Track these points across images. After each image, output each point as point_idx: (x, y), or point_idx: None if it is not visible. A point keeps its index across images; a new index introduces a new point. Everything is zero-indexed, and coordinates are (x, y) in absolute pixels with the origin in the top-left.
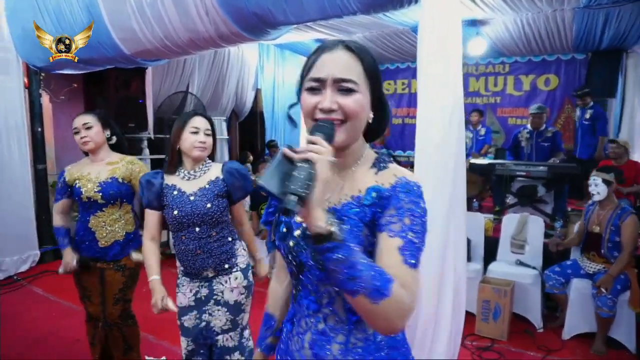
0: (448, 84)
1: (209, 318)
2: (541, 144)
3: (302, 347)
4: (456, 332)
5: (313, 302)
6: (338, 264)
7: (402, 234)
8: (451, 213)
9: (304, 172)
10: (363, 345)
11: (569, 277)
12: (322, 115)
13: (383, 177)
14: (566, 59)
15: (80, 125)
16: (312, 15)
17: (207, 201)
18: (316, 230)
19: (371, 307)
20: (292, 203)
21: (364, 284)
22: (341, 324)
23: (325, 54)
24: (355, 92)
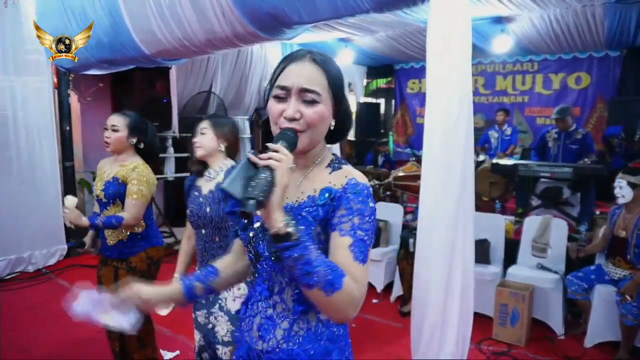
0: (454, 84)
1: (214, 322)
2: (569, 145)
3: (251, 329)
4: (464, 335)
5: (265, 289)
6: (295, 261)
7: (351, 232)
8: (459, 213)
9: (264, 178)
10: (304, 334)
11: (593, 283)
12: (286, 123)
13: (336, 178)
14: (599, 56)
15: (109, 125)
16: (325, 14)
17: (208, 205)
18: (275, 231)
19: (325, 299)
20: (250, 207)
21: (318, 279)
22: (287, 312)
23: (293, 64)
24: (317, 103)
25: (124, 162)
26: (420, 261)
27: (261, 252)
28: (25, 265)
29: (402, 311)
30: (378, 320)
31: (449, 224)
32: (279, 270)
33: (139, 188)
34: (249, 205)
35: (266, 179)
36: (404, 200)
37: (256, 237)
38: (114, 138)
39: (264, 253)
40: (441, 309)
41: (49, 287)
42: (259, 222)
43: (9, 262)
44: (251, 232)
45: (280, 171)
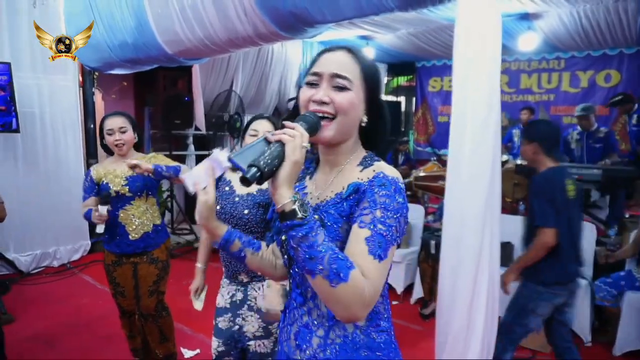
0: (482, 82)
1: (242, 322)
2: (592, 145)
3: (288, 338)
4: (490, 339)
5: (299, 295)
6: (299, 242)
7: (370, 225)
8: (486, 216)
9: (273, 151)
10: (340, 342)
11: (622, 289)
12: (315, 107)
13: (365, 173)
14: (630, 52)
15: (116, 127)
16: (348, 13)
17: (246, 207)
18: (281, 207)
19: (329, 290)
20: (251, 173)
21: (322, 265)
22: (322, 319)
23: (327, 53)
24: (348, 89)
25: (132, 157)
26: (445, 264)
27: (293, 255)
28: (51, 260)
29: (423, 313)
30: (398, 323)
31: (476, 226)
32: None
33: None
34: (250, 172)
35: (275, 151)
36: (425, 201)
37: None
38: (126, 138)
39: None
40: (467, 314)
41: (73, 281)
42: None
43: (34, 257)
44: (284, 235)
45: (291, 145)
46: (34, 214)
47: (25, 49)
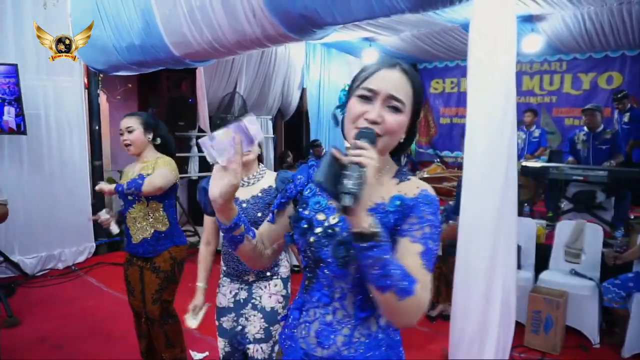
0: (500, 83)
1: (244, 322)
2: (599, 146)
3: (307, 335)
4: (504, 343)
5: (326, 295)
6: (375, 261)
7: (422, 240)
8: (501, 219)
9: (356, 174)
10: (365, 340)
11: (631, 291)
12: (365, 124)
13: (406, 187)
14: (632, 54)
15: (124, 128)
16: (359, 15)
17: (258, 210)
18: (360, 230)
19: (397, 304)
20: (348, 200)
21: (394, 282)
22: (348, 319)
23: (384, 69)
24: (400, 112)
25: (145, 159)
26: (460, 267)
27: (323, 257)
28: (55, 263)
29: (430, 315)
30: None
31: (491, 229)
32: (342, 276)
33: (163, 169)
34: (347, 199)
35: (359, 174)
36: None
37: (318, 242)
38: (132, 138)
39: (327, 259)
40: (482, 315)
41: (78, 284)
42: (320, 227)
43: (39, 259)
44: (312, 237)
45: (372, 169)
46: (39, 216)
47: (31, 51)
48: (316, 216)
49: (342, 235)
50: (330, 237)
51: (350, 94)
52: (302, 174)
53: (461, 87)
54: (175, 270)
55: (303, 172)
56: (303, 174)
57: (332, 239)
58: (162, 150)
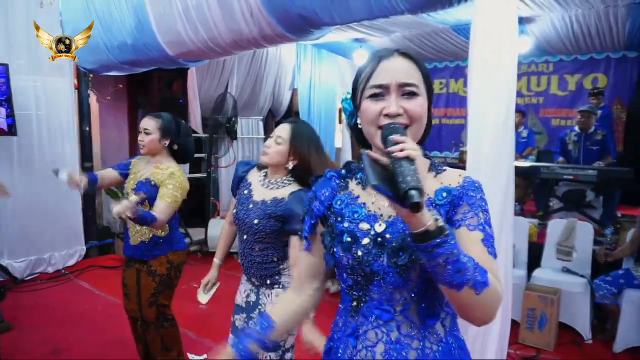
0: (504, 83)
1: (253, 326)
2: (589, 147)
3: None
4: (503, 340)
5: (386, 311)
6: (447, 258)
7: (480, 227)
8: (503, 218)
9: (408, 168)
10: (438, 348)
11: (621, 287)
12: (388, 121)
13: (446, 178)
14: (616, 57)
15: (142, 128)
16: (358, 16)
17: (256, 217)
18: (424, 228)
19: (475, 298)
20: (417, 196)
21: (470, 276)
22: (416, 330)
23: (384, 61)
24: (418, 95)
25: (159, 164)
26: None
27: (377, 270)
28: (45, 266)
29: None
30: None
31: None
32: (403, 285)
33: (174, 194)
34: (415, 196)
35: (411, 167)
36: None
37: (368, 254)
38: (147, 141)
39: (382, 270)
40: None
41: (68, 287)
42: (367, 237)
43: (29, 263)
44: (359, 250)
45: (419, 160)
46: (28, 219)
47: (22, 51)
48: (359, 226)
49: (398, 241)
50: (381, 246)
51: (358, 99)
52: (325, 187)
53: (450, 88)
54: (172, 274)
55: (325, 185)
56: (325, 187)
57: (385, 248)
58: (179, 155)
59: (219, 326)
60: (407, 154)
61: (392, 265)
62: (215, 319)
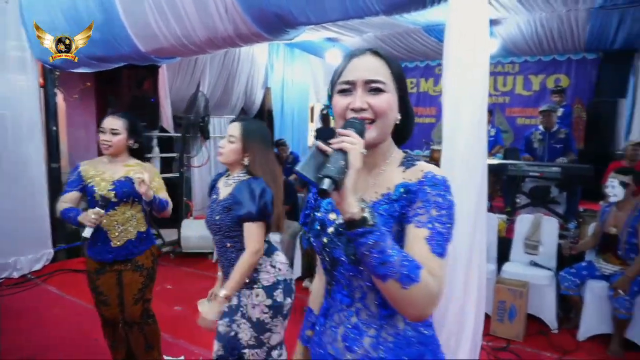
0: (477, 82)
1: (237, 329)
2: (554, 145)
3: (335, 340)
4: (477, 332)
5: (346, 296)
6: (370, 248)
7: (428, 224)
8: (477, 214)
9: (337, 160)
10: (394, 340)
11: (585, 279)
12: (353, 114)
13: (411, 173)
14: (577, 58)
15: (108, 128)
16: (333, 16)
17: (217, 213)
18: (349, 215)
19: (401, 293)
20: (326, 184)
21: (394, 269)
22: (373, 319)
23: (354, 59)
24: (384, 92)
25: (126, 162)
26: None
27: (337, 257)
28: (10, 271)
29: None
30: None
31: (470, 224)
32: (359, 274)
33: (160, 182)
34: (325, 183)
35: (339, 160)
36: None
37: (331, 242)
38: (115, 141)
39: (341, 258)
40: (460, 310)
41: (36, 293)
42: (332, 227)
43: None
44: (325, 237)
45: (353, 153)
46: None
47: None
48: (328, 216)
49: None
50: (340, 235)
51: (332, 93)
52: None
53: (420, 87)
54: (155, 266)
55: None
56: None
57: (342, 238)
58: (136, 153)
59: (194, 327)
60: (341, 146)
61: (346, 254)
62: (190, 321)
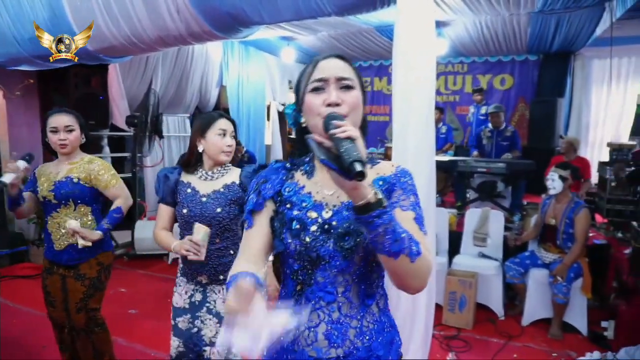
0: (422, 84)
1: (200, 325)
2: (501, 142)
3: (315, 341)
4: (428, 322)
5: (329, 293)
6: (386, 228)
7: (412, 207)
8: (426, 209)
9: (350, 145)
10: (374, 326)
11: (528, 268)
12: (329, 110)
13: (382, 169)
14: (520, 60)
15: (61, 126)
16: (286, 16)
17: (218, 205)
18: (366, 200)
19: (410, 267)
20: (359, 166)
21: (405, 244)
22: (355, 310)
23: (322, 61)
24: (353, 88)
25: (73, 160)
26: None
27: (323, 254)
28: None
29: None
30: None
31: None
32: (347, 268)
33: (110, 174)
34: (358, 165)
35: (353, 146)
36: None
37: (315, 240)
38: (72, 139)
39: (328, 254)
40: (411, 302)
41: None
42: (315, 225)
43: None
44: (307, 237)
45: (360, 141)
46: None
47: None
48: (307, 215)
49: (343, 227)
50: (328, 232)
51: (301, 98)
52: (273, 174)
53: (374, 86)
54: (102, 276)
55: (273, 172)
56: (274, 174)
57: (331, 234)
58: (84, 147)
59: (148, 330)
60: (349, 134)
61: (338, 249)
62: (144, 323)
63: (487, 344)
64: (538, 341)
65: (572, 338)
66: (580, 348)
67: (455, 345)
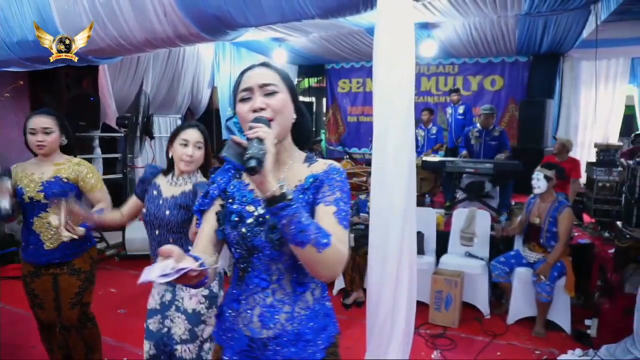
0: (402, 85)
1: (170, 324)
2: (489, 142)
3: (250, 322)
4: (410, 320)
5: (264, 280)
6: (290, 219)
7: (334, 202)
8: (407, 210)
9: (257, 145)
10: (306, 313)
11: (513, 267)
12: (255, 115)
13: (316, 167)
14: (510, 61)
15: (39, 127)
16: (271, 18)
17: (167, 209)
18: (271, 193)
19: (317, 256)
20: (253, 162)
21: (311, 235)
22: (287, 297)
23: (247, 72)
24: (277, 92)
25: (57, 161)
26: (373, 256)
27: (257, 245)
28: None
29: (345, 303)
30: None
31: (399, 218)
32: (278, 257)
33: (97, 177)
34: (252, 162)
35: (259, 145)
36: None
37: (251, 232)
38: (50, 140)
39: (261, 245)
40: (392, 300)
41: None
42: (251, 218)
43: None
44: (243, 228)
45: (269, 139)
46: None
47: None
48: (245, 208)
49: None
50: (261, 225)
51: (235, 104)
52: (222, 175)
53: (367, 87)
54: (93, 269)
55: (222, 174)
56: (223, 175)
57: (264, 226)
58: (65, 150)
59: (137, 330)
60: (257, 135)
61: (268, 240)
62: (132, 323)
63: (473, 342)
64: (522, 339)
65: (555, 336)
66: (563, 346)
67: (441, 344)
